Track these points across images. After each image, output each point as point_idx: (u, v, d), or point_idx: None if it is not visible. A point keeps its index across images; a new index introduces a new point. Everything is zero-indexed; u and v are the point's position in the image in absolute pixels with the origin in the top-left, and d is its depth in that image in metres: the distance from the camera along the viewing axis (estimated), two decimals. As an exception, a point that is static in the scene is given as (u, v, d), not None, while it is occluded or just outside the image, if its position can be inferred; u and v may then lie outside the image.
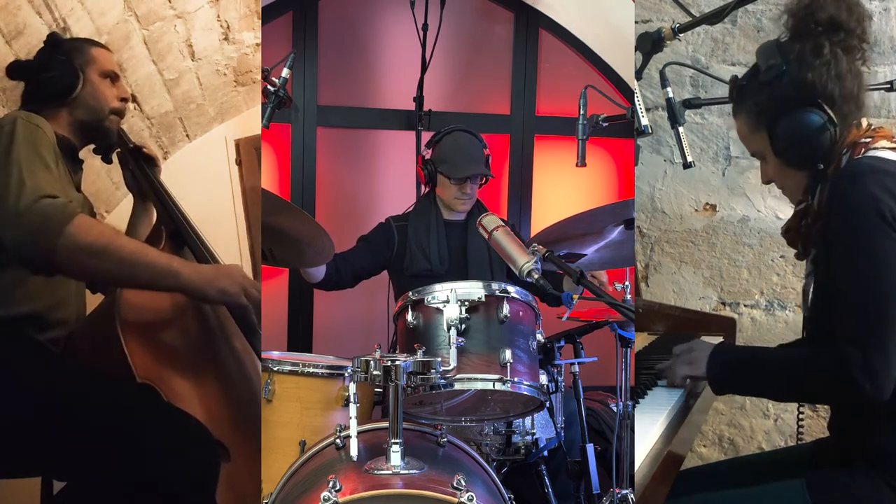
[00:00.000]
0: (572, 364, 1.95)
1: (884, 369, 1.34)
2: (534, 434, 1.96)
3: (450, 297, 1.60)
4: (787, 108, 1.49)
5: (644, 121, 1.91)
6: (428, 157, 2.51)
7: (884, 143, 1.49)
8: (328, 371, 1.82)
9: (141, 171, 1.95)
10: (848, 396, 1.40)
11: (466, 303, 1.60)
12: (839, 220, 1.42)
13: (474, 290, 1.62)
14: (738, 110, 1.61)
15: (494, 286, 1.64)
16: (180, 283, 1.56)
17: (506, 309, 1.62)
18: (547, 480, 2.02)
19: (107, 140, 1.89)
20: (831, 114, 1.47)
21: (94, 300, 1.85)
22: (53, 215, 1.45)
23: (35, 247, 1.43)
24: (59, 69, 1.78)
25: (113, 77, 1.87)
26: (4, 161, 1.51)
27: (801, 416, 2.30)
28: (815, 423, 2.65)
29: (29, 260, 1.49)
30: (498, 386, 1.58)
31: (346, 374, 1.80)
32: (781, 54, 1.49)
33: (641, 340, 2.32)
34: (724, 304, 2.80)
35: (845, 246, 1.41)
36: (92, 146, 2.03)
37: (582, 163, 1.98)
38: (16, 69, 1.82)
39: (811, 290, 1.55)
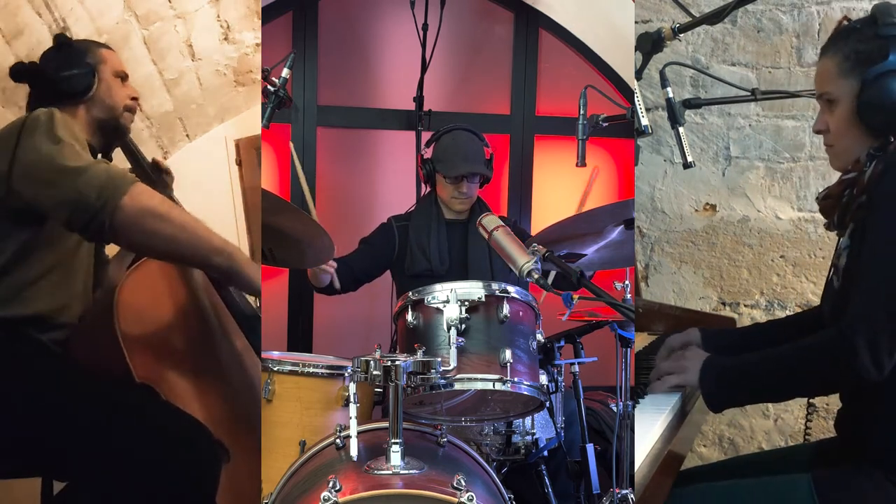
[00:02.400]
0: (572, 364, 1.95)
1: (888, 348, 1.34)
2: (534, 434, 1.96)
3: (450, 297, 1.60)
4: (891, 67, 1.44)
5: (644, 121, 1.91)
6: (427, 156, 2.52)
7: None
8: (328, 371, 1.82)
9: (141, 170, 1.95)
10: (850, 373, 1.37)
11: (466, 303, 1.60)
12: (886, 200, 1.40)
13: (474, 290, 1.62)
14: (833, 49, 1.53)
15: (494, 286, 1.64)
16: (233, 264, 1.55)
17: (506, 309, 1.62)
18: (547, 480, 2.02)
19: (121, 138, 1.88)
20: None
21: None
22: (115, 176, 1.43)
23: (97, 206, 1.40)
24: (77, 68, 1.76)
25: (123, 77, 1.87)
26: (50, 135, 1.49)
27: (809, 416, 2.29)
28: (817, 423, 2.64)
29: (88, 222, 1.42)
30: (498, 386, 1.58)
31: (346, 374, 1.80)
32: None
33: (641, 340, 2.32)
34: (724, 304, 2.80)
35: (883, 228, 1.39)
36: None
37: (582, 163, 1.98)
38: (21, 71, 1.79)
39: (843, 264, 1.51)
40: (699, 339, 1.82)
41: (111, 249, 1.91)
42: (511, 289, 1.65)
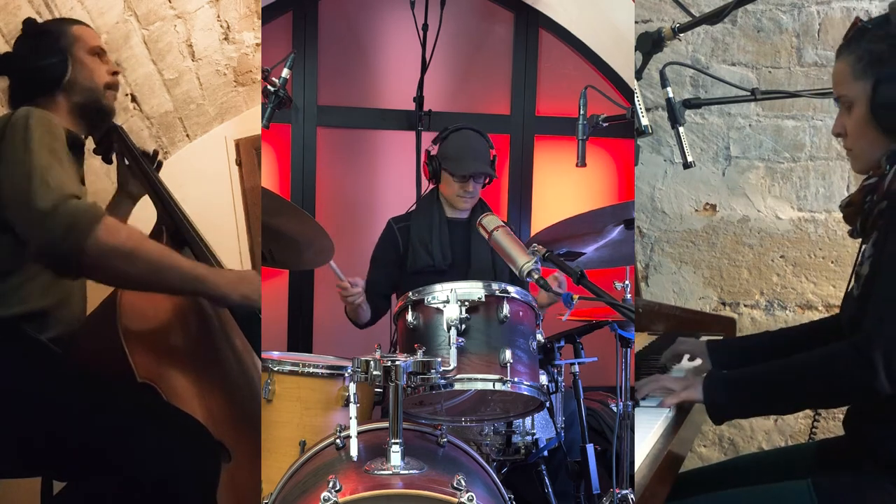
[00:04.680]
0: (572, 364, 1.95)
1: None
2: (534, 434, 1.96)
3: (450, 298, 1.60)
4: None
5: (644, 121, 1.91)
6: (434, 153, 2.51)
7: None
8: (328, 371, 1.82)
9: (142, 171, 1.95)
10: (864, 388, 1.35)
11: (466, 303, 1.60)
12: None
13: (474, 290, 1.62)
14: (847, 51, 1.50)
15: (494, 286, 1.64)
16: (205, 289, 1.55)
17: (506, 309, 1.62)
18: (547, 480, 2.02)
19: (106, 120, 1.84)
20: None
21: (95, 299, 1.85)
22: (81, 217, 1.42)
23: (63, 249, 1.40)
24: (47, 55, 1.72)
25: (100, 53, 1.82)
26: (23, 160, 1.47)
27: (816, 417, 2.28)
28: (822, 425, 2.64)
29: (56, 262, 1.44)
30: (498, 386, 1.58)
31: (346, 374, 1.80)
32: None
33: (641, 340, 2.32)
34: (724, 304, 2.80)
35: None
36: (92, 147, 2.03)
37: (582, 163, 1.98)
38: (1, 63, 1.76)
39: (866, 272, 1.47)
40: (705, 351, 1.81)
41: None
42: (511, 289, 1.65)
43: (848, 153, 1.57)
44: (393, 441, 1.35)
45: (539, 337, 1.71)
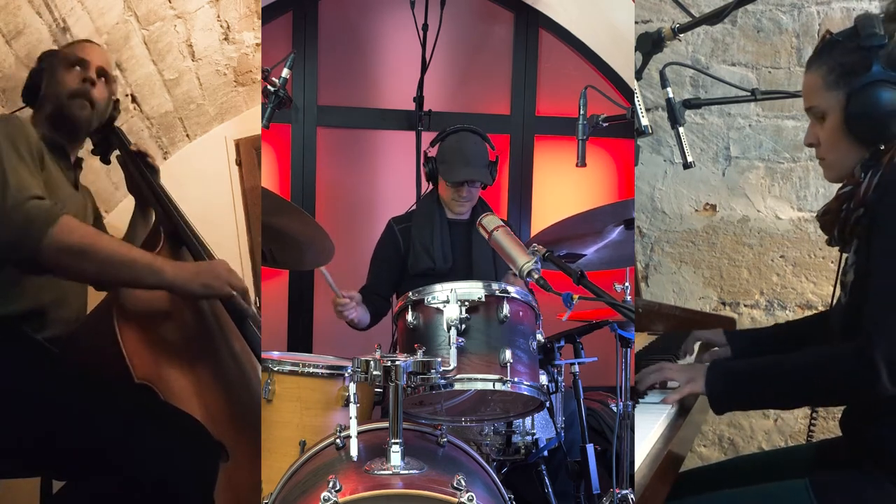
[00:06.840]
0: (572, 364, 1.95)
1: None
2: (534, 434, 1.96)
3: (450, 298, 1.60)
4: (875, 78, 1.45)
5: (644, 121, 1.91)
6: (431, 155, 2.51)
7: None
8: (328, 371, 1.82)
9: (139, 173, 1.95)
10: (867, 389, 1.37)
11: (466, 303, 1.60)
12: (888, 210, 1.40)
13: (474, 290, 1.62)
14: (818, 63, 1.54)
15: (494, 286, 1.64)
16: (164, 280, 1.59)
17: (506, 309, 1.62)
18: (547, 480, 2.02)
19: (76, 127, 1.86)
20: None
21: (95, 298, 1.85)
22: (37, 217, 1.48)
23: (20, 248, 1.47)
24: (33, 75, 1.86)
25: (81, 63, 1.85)
26: None
27: (814, 416, 2.29)
28: (820, 424, 2.64)
29: (16, 260, 1.54)
30: (498, 386, 1.58)
31: (346, 374, 1.80)
32: (884, 28, 1.46)
33: (641, 340, 2.32)
34: (724, 304, 2.80)
35: (889, 239, 1.39)
36: (90, 147, 2.03)
37: (582, 163, 1.98)
38: None
39: (851, 280, 1.51)
40: (724, 339, 1.89)
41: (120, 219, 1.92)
42: (511, 289, 1.65)
43: (821, 162, 1.60)
44: (393, 441, 1.35)
45: (539, 337, 1.71)
